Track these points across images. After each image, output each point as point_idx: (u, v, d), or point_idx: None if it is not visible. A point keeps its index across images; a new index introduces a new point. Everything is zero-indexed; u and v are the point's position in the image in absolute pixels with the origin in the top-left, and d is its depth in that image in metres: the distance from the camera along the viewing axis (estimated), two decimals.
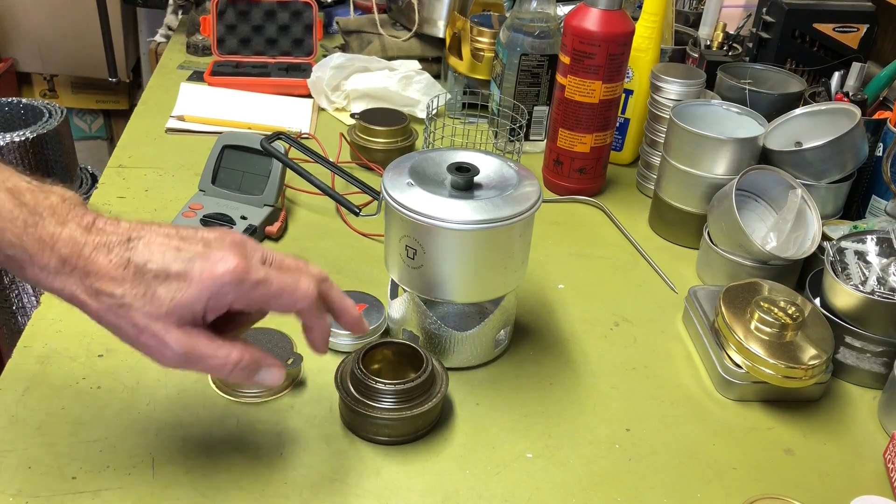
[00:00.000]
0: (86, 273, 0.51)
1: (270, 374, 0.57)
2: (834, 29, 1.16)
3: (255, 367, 0.56)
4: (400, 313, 0.77)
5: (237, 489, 0.62)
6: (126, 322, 0.52)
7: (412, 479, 0.65)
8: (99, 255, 0.51)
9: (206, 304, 0.53)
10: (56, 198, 0.53)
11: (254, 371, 0.56)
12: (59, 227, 0.51)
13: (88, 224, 0.53)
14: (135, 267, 0.52)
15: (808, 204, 0.90)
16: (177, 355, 0.53)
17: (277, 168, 0.95)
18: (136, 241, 0.53)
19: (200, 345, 0.53)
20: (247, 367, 0.55)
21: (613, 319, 0.86)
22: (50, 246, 0.51)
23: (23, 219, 0.51)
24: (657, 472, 0.68)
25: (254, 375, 0.56)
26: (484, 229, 0.68)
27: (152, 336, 0.52)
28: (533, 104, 1.17)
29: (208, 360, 0.54)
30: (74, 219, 0.52)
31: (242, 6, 1.37)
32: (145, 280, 0.52)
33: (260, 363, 0.56)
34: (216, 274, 0.52)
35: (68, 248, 0.51)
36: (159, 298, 0.51)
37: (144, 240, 0.53)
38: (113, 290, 0.51)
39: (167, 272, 0.52)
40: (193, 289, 0.52)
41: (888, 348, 0.77)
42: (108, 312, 0.52)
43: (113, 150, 1.12)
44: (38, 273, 0.52)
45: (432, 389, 0.68)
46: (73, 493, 0.60)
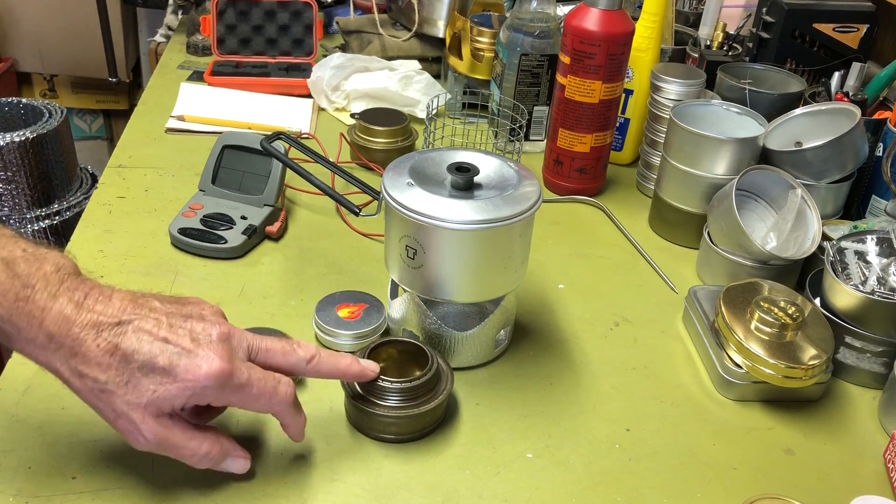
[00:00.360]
0: (72, 353, 0.52)
1: (236, 463, 0.60)
2: (834, 29, 1.16)
3: (222, 458, 0.59)
4: (400, 313, 0.77)
5: (237, 489, 0.62)
6: (105, 405, 0.54)
7: (412, 479, 0.65)
8: (87, 337, 0.52)
9: (185, 401, 0.55)
10: (50, 267, 0.53)
11: (220, 461, 0.59)
12: (51, 301, 0.52)
13: (80, 300, 0.53)
14: (121, 355, 0.53)
15: (808, 204, 0.90)
16: (150, 443, 0.55)
17: (277, 168, 0.95)
18: (126, 325, 0.53)
19: (174, 436, 0.56)
20: (214, 458, 0.59)
21: (613, 319, 0.86)
22: (39, 321, 0.52)
23: (14, 292, 0.51)
24: (657, 472, 0.68)
25: (220, 465, 0.60)
26: (484, 229, 0.68)
27: (129, 422, 0.54)
28: (533, 104, 1.17)
29: (179, 450, 0.57)
30: (66, 292, 0.53)
31: (242, 6, 1.37)
32: (129, 369, 0.53)
33: (227, 454, 0.59)
34: (199, 375, 0.54)
35: (57, 325, 0.52)
36: (140, 390, 0.53)
37: (134, 325, 0.54)
38: (97, 376, 0.53)
39: (152, 365, 0.53)
40: (176, 386, 0.54)
41: (888, 348, 0.77)
42: (90, 394, 0.54)
43: (113, 150, 1.12)
44: (24, 346, 0.53)
45: (438, 387, 0.69)
46: (73, 493, 0.60)
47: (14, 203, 1.49)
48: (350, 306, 0.79)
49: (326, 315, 0.78)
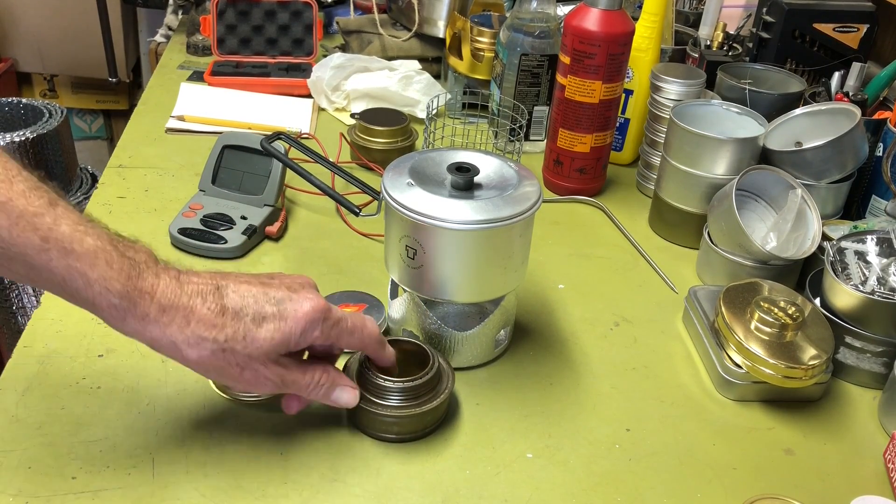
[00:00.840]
0: (186, 322, 0.55)
1: (345, 393, 0.64)
2: (834, 29, 1.16)
3: (333, 386, 0.64)
4: (400, 313, 0.77)
5: (237, 489, 0.62)
6: (229, 363, 0.57)
7: (412, 479, 0.65)
8: (196, 304, 0.56)
9: (298, 339, 0.59)
10: (143, 252, 0.57)
11: (332, 389, 0.64)
12: (156, 279, 0.56)
13: (176, 276, 0.57)
14: (232, 312, 0.57)
15: (808, 204, 0.90)
16: (274, 384, 0.60)
17: (277, 168, 0.95)
18: (225, 287, 0.58)
19: (291, 373, 0.61)
20: (326, 385, 0.63)
21: (613, 319, 0.86)
22: (151, 296, 0.55)
23: (126, 271, 0.54)
24: (657, 472, 0.68)
25: (331, 394, 0.64)
26: (484, 229, 0.68)
27: (254, 372, 0.59)
28: (533, 104, 1.17)
29: (298, 383, 0.62)
30: (164, 271, 0.57)
31: (242, 6, 1.37)
32: (243, 323, 0.57)
33: (336, 382, 0.64)
34: (307, 311, 0.59)
35: (167, 298, 0.55)
36: (259, 339, 0.57)
37: (231, 286, 0.58)
38: (216, 336, 0.56)
39: (263, 314, 0.58)
40: (288, 326, 0.58)
41: (888, 348, 0.77)
42: (212, 357, 0.57)
43: (113, 150, 1.12)
44: (137, 323, 0.55)
45: (439, 387, 0.69)
46: (73, 493, 0.60)
47: None
48: (350, 306, 0.79)
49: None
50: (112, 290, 0.53)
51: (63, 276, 0.53)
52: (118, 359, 0.73)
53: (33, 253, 0.52)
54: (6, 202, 0.51)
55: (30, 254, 0.52)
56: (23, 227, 0.51)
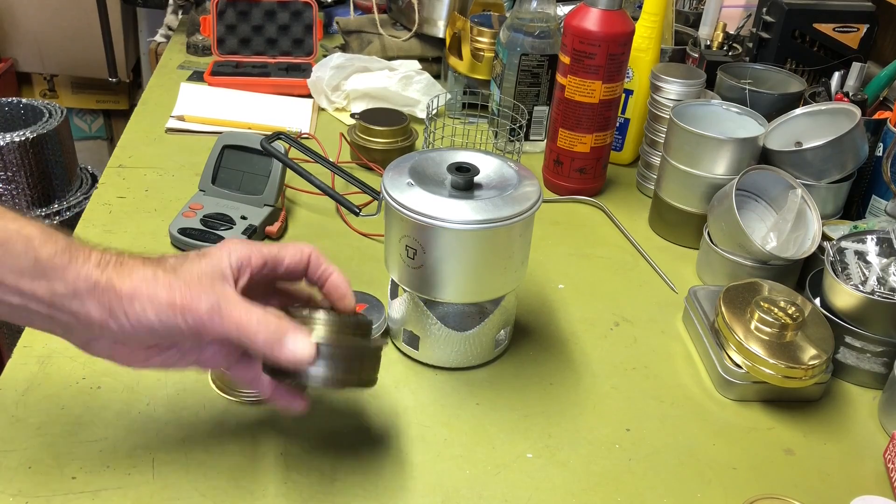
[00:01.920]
0: (119, 265, 0.54)
1: (297, 341, 0.55)
2: (834, 29, 1.16)
3: (282, 331, 0.55)
4: (400, 313, 0.77)
5: (237, 489, 0.62)
6: (163, 286, 0.53)
7: (412, 479, 0.65)
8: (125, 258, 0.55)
9: (229, 260, 0.56)
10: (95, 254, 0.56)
11: (280, 334, 0.55)
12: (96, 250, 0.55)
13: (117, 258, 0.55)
14: (156, 260, 0.55)
15: (808, 204, 0.90)
16: (211, 302, 0.53)
17: (277, 168, 0.95)
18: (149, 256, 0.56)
19: (232, 298, 0.55)
20: (271, 326, 0.55)
21: (613, 319, 0.86)
22: (89, 250, 0.54)
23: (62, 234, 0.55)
24: (657, 472, 0.68)
25: (283, 341, 0.55)
26: (484, 229, 0.68)
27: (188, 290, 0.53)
28: (533, 104, 1.17)
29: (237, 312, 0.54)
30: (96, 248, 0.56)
31: (242, 6, 1.37)
32: (171, 262, 0.55)
33: (288, 328, 0.55)
34: (228, 242, 0.58)
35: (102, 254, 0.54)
36: (189, 266, 0.55)
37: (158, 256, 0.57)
38: (145, 270, 0.54)
39: (187, 257, 0.56)
40: (213, 252, 0.57)
41: (888, 348, 0.77)
42: (144, 283, 0.53)
43: (113, 150, 1.12)
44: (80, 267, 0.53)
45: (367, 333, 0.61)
46: (73, 493, 0.60)
47: (14, 203, 1.49)
48: None
49: None
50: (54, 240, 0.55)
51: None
52: None
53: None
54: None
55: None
56: None
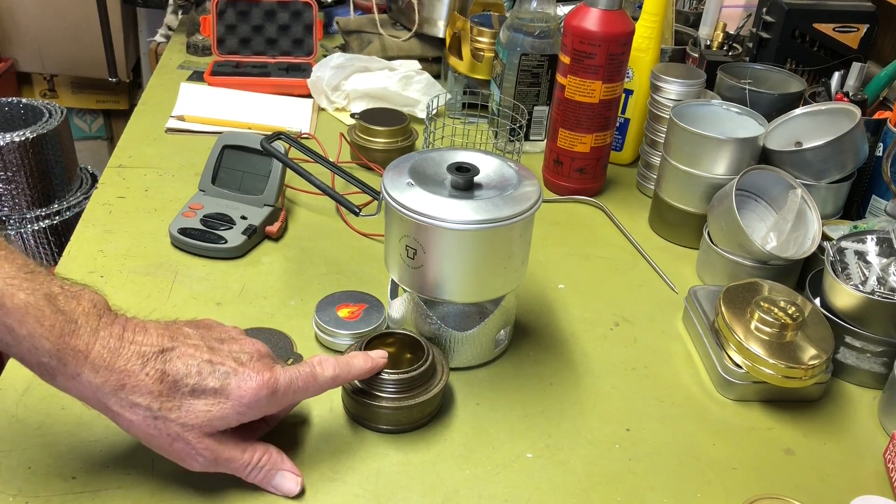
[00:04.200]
0: (121, 385, 0.53)
1: (286, 480, 0.61)
2: (834, 29, 1.16)
3: (274, 469, 0.61)
4: (400, 313, 0.77)
5: (237, 489, 0.62)
6: (160, 432, 0.55)
7: (412, 480, 0.65)
8: (135, 368, 0.53)
9: (239, 419, 0.57)
10: (87, 303, 0.54)
11: (272, 472, 0.61)
12: (93, 337, 0.53)
13: (119, 333, 0.54)
14: (171, 381, 0.54)
15: (808, 204, 0.90)
16: (206, 461, 0.57)
17: (277, 168, 0.95)
18: (170, 352, 0.55)
19: (227, 450, 0.58)
20: (266, 469, 0.60)
21: (613, 319, 0.86)
22: (84, 356, 0.52)
23: (59, 327, 0.52)
24: (657, 472, 0.68)
25: (272, 479, 0.61)
26: (484, 229, 0.68)
27: (185, 444, 0.56)
28: (533, 104, 1.17)
29: (233, 462, 0.59)
30: (106, 327, 0.54)
31: (242, 6, 1.37)
32: (181, 394, 0.55)
33: (278, 466, 0.61)
34: (250, 389, 0.56)
35: (102, 359, 0.53)
36: (195, 412, 0.55)
37: (177, 351, 0.56)
38: (150, 404, 0.54)
39: (203, 388, 0.55)
40: (230, 405, 0.56)
41: (888, 348, 0.77)
42: (143, 423, 0.54)
43: (113, 150, 1.12)
44: (68, 382, 0.53)
45: (433, 379, 0.69)
46: (73, 493, 0.60)
47: (14, 203, 1.49)
48: (350, 306, 0.79)
49: (326, 315, 0.78)
50: (41, 349, 0.51)
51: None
52: None
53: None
54: None
55: None
56: None
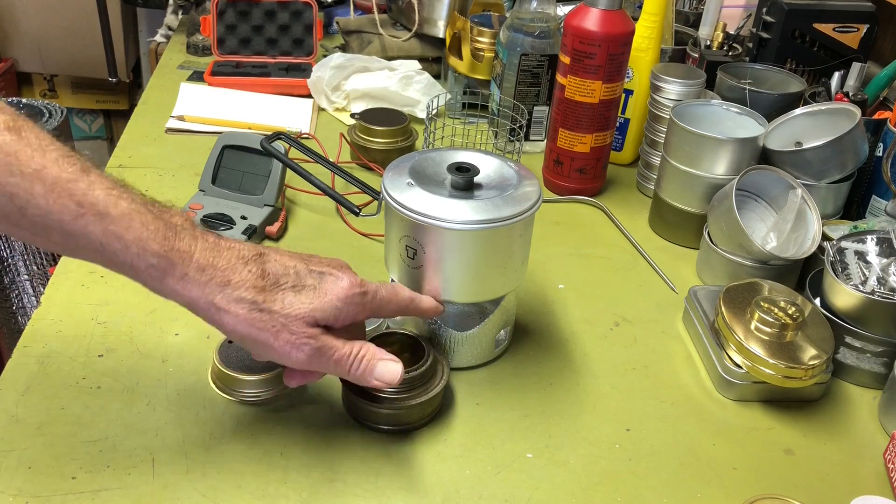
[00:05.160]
0: (226, 282, 0.56)
1: (389, 368, 0.62)
2: (834, 29, 1.16)
3: (375, 360, 0.61)
4: None
5: (237, 489, 0.62)
6: (265, 323, 0.57)
7: (412, 480, 0.65)
8: (237, 266, 0.56)
9: (336, 315, 0.60)
10: (179, 217, 0.57)
11: (374, 363, 0.61)
12: (194, 241, 0.56)
13: (216, 240, 0.57)
14: (273, 277, 0.58)
15: (808, 204, 0.90)
16: (311, 349, 0.58)
17: (277, 168, 0.95)
18: (266, 255, 0.59)
19: (329, 341, 0.59)
20: (369, 359, 0.61)
21: (613, 319, 0.86)
22: (189, 256, 0.55)
23: (163, 231, 0.54)
24: (657, 472, 0.68)
25: (373, 370, 0.61)
26: (484, 229, 0.68)
27: (290, 334, 0.57)
28: (533, 104, 1.17)
29: (335, 352, 0.59)
30: (202, 235, 0.57)
31: (242, 6, 1.37)
32: (282, 289, 0.58)
33: (378, 356, 0.62)
34: (344, 287, 0.60)
35: (206, 258, 0.56)
36: (297, 304, 0.58)
37: (273, 255, 0.59)
38: (255, 297, 0.56)
39: (303, 284, 0.59)
40: (327, 300, 0.59)
41: (888, 348, 0.77)
42: (250, 317, 0.56)
43: (113, 150, 1.12)
44: (176, 283, 0.55)
45: (433, 380, 0.69)
46: (73, 493, 0.60)
47: None
48: None
49: None
50: (149, 251, 0.53)
51: (100, 240, 0.53)
52: (118, 359, 0.73)
53: (69, 219, 0.52)
54: (41, 170, 0.51)
55: (66, 220, 0.52)
56: (58, 193, 0.51)
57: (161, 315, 0.79)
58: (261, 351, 0.59)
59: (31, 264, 1.55)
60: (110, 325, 0.77)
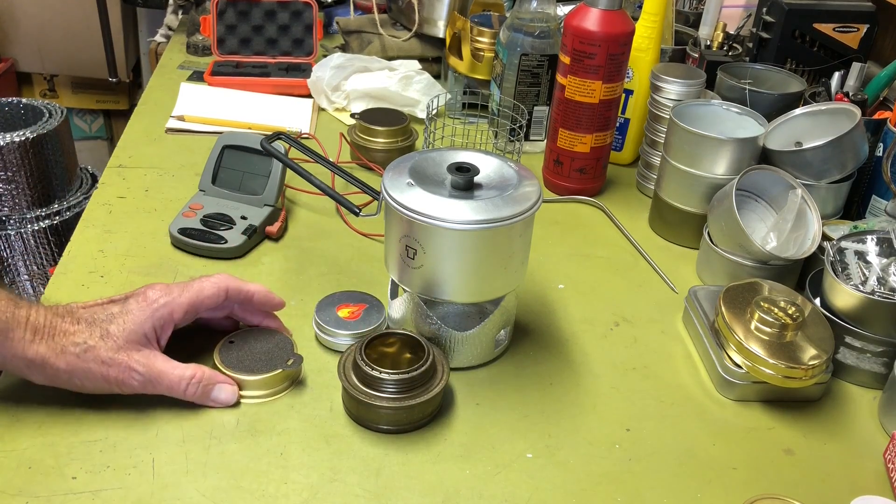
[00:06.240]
0: (52, 336, 0.63)
1: (223, 391, 0.68)
2: (834, 29, 1.16)
3: (211, 384, 0.68)
4: (400, 313, 0.77)
5: (237, 489, 0.62)
6: (94, 362, 0.63)
7: (412, 480, 0.65)
8: (57, 322, 0.64)
9: (152, 323, 0.66)
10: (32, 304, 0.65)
11: (208, 387, 0.67)
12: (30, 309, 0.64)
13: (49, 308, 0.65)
14: (87, 321, 0.65)
15: (808, 204, 0.90)
16: (142, 377, 0.65)
17: (277, 168, 0.95)
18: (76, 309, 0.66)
19: (159, 363, 0.66)
20: (202, 383, 0.67)
21: (613, 319, 0.86)
22: (26, 320, 0.63)
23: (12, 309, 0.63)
24: (657, 472, 0.68)
25: (209, 393, 0.67)
26: (484, 229, 0.68)
27: (118, 365, 0.64)
28: (533, 104, 1.17)
29: (168, 377, 0.66)
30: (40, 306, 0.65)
31: (242, 6, 1.37)
32: (98, 325, 0.64)
33: (213, 380, 0.68)
34: (150, 296, 0.67)
35: (38, 321, 0.63)
36: (114, 334, 0.64)
37: (81, 306, 0.66)
38: (76, 339, 0.63)
39: (112, 315, 0.65)
40: (136, 314, 0.65)
41: (888, 348, 0.77)
42: (78, 360, 0.63)
43: (113, 150, 1.12)
44: (15, 345, 0.62)
45: (433, 380, 0.69)
46: (73, 493, 0.60)
47: (14, 203, 1.49)
48: (350, 306, 0.79)
49: (326, 315, 0.78)
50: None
51: None
52: None
53: None
54: None
55: None
56: None
57: None
58: (102, 387, 0.65)
59: (31, 264, 1.55)
60: None
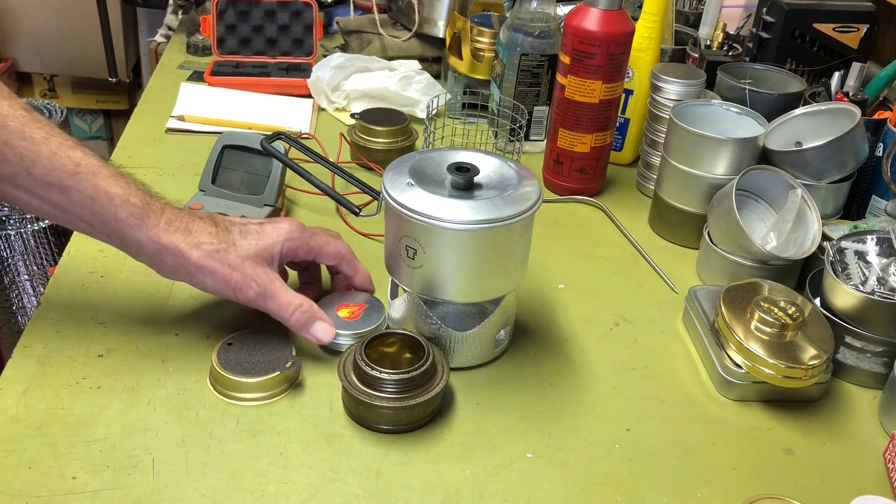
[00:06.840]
0: (188, 231, 0.69)
1: (321, 328, 0.73)
2: (834, 29, 1.16)
3: (313, 317, 0.72)
4: (400, 313, 0.77)
5: (237, 489, 0.62)
6: (221, 263, 0.69)
7: (412, 480, 0.65)
8: (194, 221, 0.70)
9: (281, 247, 0.73)
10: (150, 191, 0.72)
11: (311, 319, 0.72)
12: (164, 204, 0.70)
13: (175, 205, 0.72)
14: (223, 227, 0.71)
15: (808, 204, 0.91)
16: (259, 287, 0.70)
17: (277, 168, 0.95)
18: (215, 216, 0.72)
19: (276, 284, 0.71)
20: (306, 313, 0.72)
21: (613, 319, 0.86)
22: (161, 210, 0.69)
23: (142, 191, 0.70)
24: (657, 472, 0.68)
25: (310, 325, 0.72)
26: (484, 229, 0.68)
27: (242, 271, 0.70)
28: (533, 104, 1.17)
29: (279, 297, 0.71)
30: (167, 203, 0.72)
31: (242, 6, 1.37)
32: (232, 235, 0.71)
33: (317, 315, 0.73)
34: (284, 226, 0.74)
35: (174, 213, 0.70)
36: (245, 245, 0.71)
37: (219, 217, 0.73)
38: (211, 241, 0.69)
39: (248, 230, 0.72)
40: (270, 236, 0.72)
41: (888, 348, 0.77)
42: (208, 257, 0.69)
43: (113, 150, 1.12)
44: (150, 230, 0.68)
45: (433, 380, 0.69)
46: (73, 493, 0.60)
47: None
48: (350, 306, 0.79)
49: (327, 315, 0.78)
50: (131, 202, 0.67)
51: (91, 194, 0.66)
52: (118, 359, 0.73)
53: (67, 176, 0.66)
54: (48, 138, 0.66)
55: (64, 177, 0.66)
56: (60, 156, 0.66)
57: (161, 315, 0.79)
58: (221, 288, 0.70)
59: (31, 264, 1.55)
60: (110, 325, 0.77)
